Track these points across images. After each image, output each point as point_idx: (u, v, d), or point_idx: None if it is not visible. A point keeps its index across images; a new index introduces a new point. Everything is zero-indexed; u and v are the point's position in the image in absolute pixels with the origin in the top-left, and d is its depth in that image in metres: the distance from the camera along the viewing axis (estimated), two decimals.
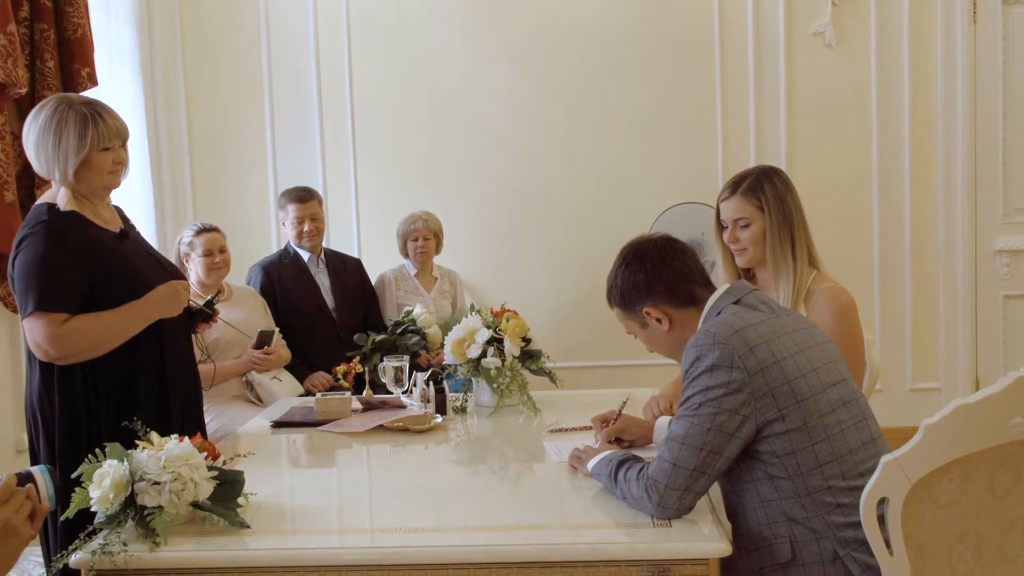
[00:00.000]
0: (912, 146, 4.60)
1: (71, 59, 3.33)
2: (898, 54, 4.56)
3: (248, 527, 1.79)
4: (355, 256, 4.45)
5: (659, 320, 1.93)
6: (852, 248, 4.58)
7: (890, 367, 4.63)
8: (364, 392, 3.08)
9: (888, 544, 1.57)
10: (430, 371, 2.79)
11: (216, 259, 3.47)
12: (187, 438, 1.83)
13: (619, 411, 2.37)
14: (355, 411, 2.82)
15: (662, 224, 3.82)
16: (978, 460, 1.58)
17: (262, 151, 4.73)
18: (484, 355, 2.81)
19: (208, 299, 2.66)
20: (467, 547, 1.69)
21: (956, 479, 1.57)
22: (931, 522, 1.58)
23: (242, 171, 4.75)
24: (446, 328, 3.09)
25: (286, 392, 3.47)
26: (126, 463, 1.75)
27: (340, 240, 4.71)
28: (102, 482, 1.73)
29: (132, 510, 1.74)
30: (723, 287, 1.92)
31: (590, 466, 2.00)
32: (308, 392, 3.62)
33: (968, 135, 4.55)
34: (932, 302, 4.68)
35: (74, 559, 1.69)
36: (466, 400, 2.84)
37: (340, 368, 3.48)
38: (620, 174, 4.69)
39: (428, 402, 2.72)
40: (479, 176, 4.74)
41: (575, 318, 4.71)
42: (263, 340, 3.46)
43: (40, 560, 2.40)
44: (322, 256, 4.10)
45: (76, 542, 1.71)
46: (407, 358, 2.90)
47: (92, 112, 2.26)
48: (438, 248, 4.36)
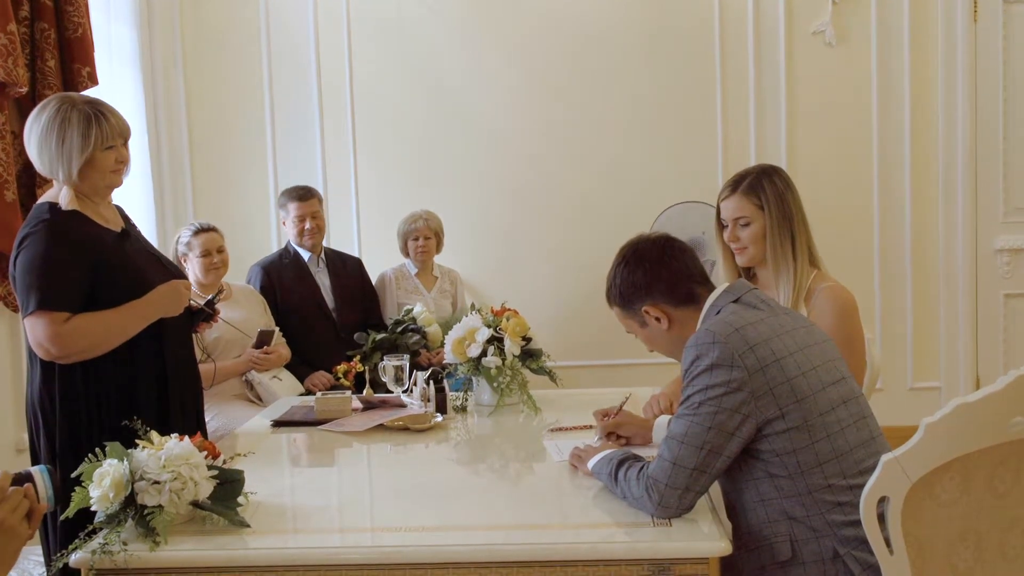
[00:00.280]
0: (912, 145, 4.59)
1: (71, 58, 3.33)
2: (898, 53, 4.56)
3: (248, 526, 1.79)
4: (355, 255, 4.45)
5: (658, 319, 1.94)
6: (852, 247, 4.58)
7: (890, 366, 4.63)
8: (364, 391, 3.07)
9: (888, 543, 1.57)
10: (430, 370, 2.79)
11: (214, 259, 3.46)
12: (187, 437, 1.84)
13: (619, 407, 2.38)
14: (355, 410, 2.82)
15: (662, 223, 3.82)
16: (978, 459, 1.58)
17: (262, 150, 4.73)
18: (484, 354, 2.81)
19: (209, 299, 2.66)
20: (467, 546, 1.69)
21: (956, 478, 1.57)
22: (931, 521, 1.58)
23: (242, 170, 4.75)
24: (446, 327, 3.09)
25: (286, 391, 3.47)
26: (126, 462, 1.75)
27: (340, 239, 4.71)
28: (102, 481, 1.73)
29: (132, 509, 1.74)
30: (722, 286, 1.92)
31: (590, 465, 2.00)
32: (308, 391, 3.62)
33: (968, 134, 4.55)
34: (932, 301, 4.68)
35: (74, 558, 1.69)
36: (466, 399, 2.84)
37: (340, 367, 3.48)
38: (620, 173, 4.69)
39: (428, 401, 2.72)
40: (479, 175, 4.74)
41: (575, 317, 4.71)
42: (263, 339, 3.46)
43: (40, 560, 2.40)
44: (322, 255, 4.10)
45: (76, 541, 1.71)
46: (407, 357, 2.90)
47: (95, 111, 2.27)
48: (439, 247, 4.36)
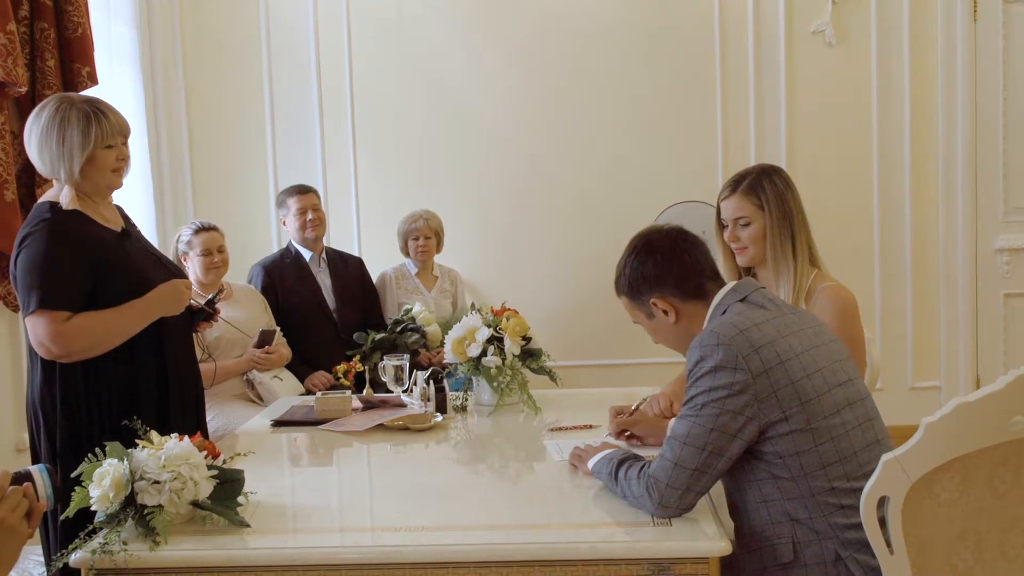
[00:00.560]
0: (912, 145, 4.59)
1: (71, 58, 3.32)
2: (898, 53, 4.56)
3: (248, 526, 1.79)
4: (356, 255, 4.45)
5: (665, 312, 1.92)
6: (852, 247, 4.58)
7: (890, 366, 4.63)
8: (364, 391, 3.07)
9: (888, 543, 1.57)
10: (430, 370, 2.79)
11: (214, 258, 3.45)
12: (187, 437, 1.84)
13: (636, 407, 2.37)
14: (355, 410, 2.82)
15: (662, 223, 3.81)
16: (978, 459, 1.58)
17: (262, 150, 4.73)
18: (484, 354, 2.81)
19: (209, 298, 2.66)
20: (467, 546, 1.69)
21: (956, 478, 1.57)
22: (931, 521, 1.58)
23: (242, 170, 4.74)
24: (447, 327, 3.08)
25: (287, 391, 3.47)
26: (126, 462, 1.75)
27: (340, 239, 4.71)
28: (102, 481, 1.73)
29: (132, 509, 1.74)
30: (730, 284, 1.91)
31: (590, 465, 2.00)
32: (308, 391, 3.62)
33: (968, 133, 4.55)
34: (932, 301, 4.68)
35: (74, 558, 1.69)
36: (466, 399, 2.84)
37: (340, 367, 3.48)
38: (620, 172, 4.69)
39: (428, 401, 2.72)
40: (479, 175, 4.74)
41: (575, 317, 4.71)
42: (264, 339, 3.46)
43: (40, 559, 2.40)
44: (323, 255, 4.10)
45: (76, 541, 1.71)
46: (407, 357, 2.90)
47: (94, 109, 2.28)
48: (439, 247, 4.35)
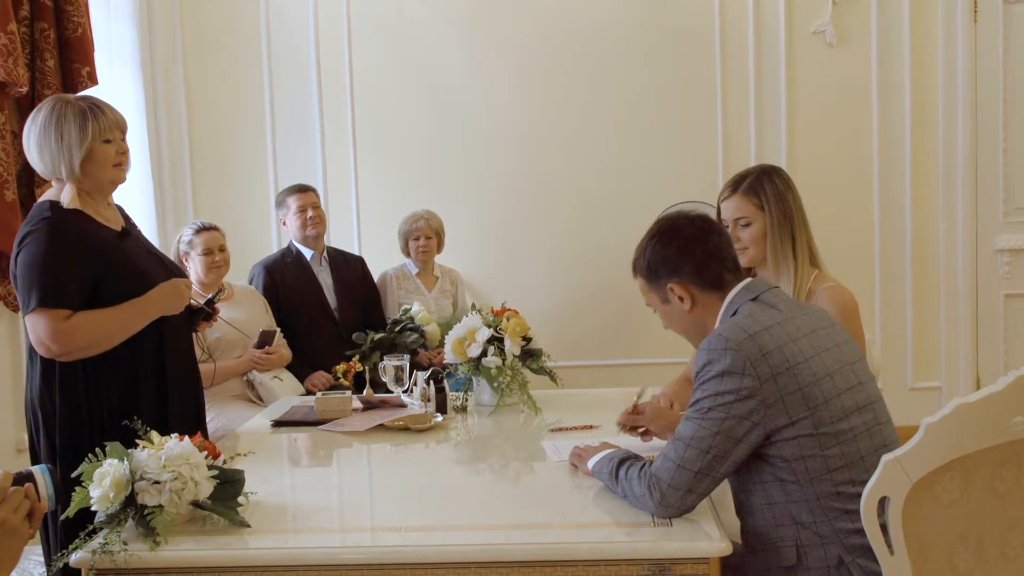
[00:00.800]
0: (912, 145, 4.59)
1: (71, 58, 3.33)
2: (899, 53, 4.56)
3: (248, 526, 1.79)
4: (358, 254, 4.45)
5: (681, 299, 1.89)
6: (853, 247, 4.58)
7: (891, 366, 4.63)
8: (364, 391, 3.07)
9: (889, 543, 1.57)
10: (430, 370, 2.79)
11: (216, 258, 3.46)
12: (187, 437, 1.84)
13: (635, 403, 2.35)
14: (355, 410, 2.82)
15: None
16: (979, 459, 1.58)
17: (262, 150, 4.73)
18: (485, 354, 2.81)
19: (209, 298, 2.66)
20: (467, 546, 1.69)
21: (957, 478, 1.57)
22: (932, 521, 1.58)
23: (242, 170, 4.74)
24: (447, 327, 3.08)
25: (287, 392, 3.47)
26: (126, 462, 1.75)
27: (341, 239, 4.70)
28: (102, 481, 1.73)
29: (132, 509, 1.74)
30: (743, 281, 1.89)
31: (590, 464, 1.99)
32: (308, 391, 3.61)
33: (969, 134, 4.55)
34: (933, 301, 4.68)
35: (74, 558, 1.69)
36: (466, 399, 2.84)
37: (340, 367, 3.48)
38: (621, 173, 4.69)
39: (428, 401, 2.72)
40: (480, 175, 4.74)
41: (575, 317, 4.71)
42: (264, 340, 3.46)
43: (41, 559, 2.40)
44: (325, 254, 4.10)
45: (76, 541, 1.71)
46: (407, 357, 2.90)
47: (89, 105, 2.30)
48: (439, 247, 4.35)
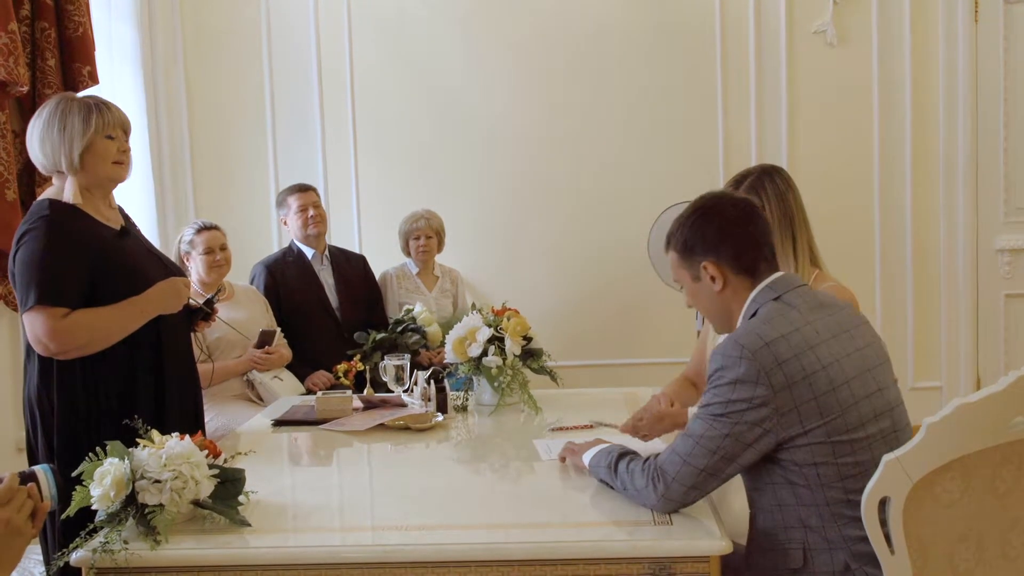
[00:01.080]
0: (913, 145, 4.59)
1: (72, 57, 3.33)
2: (899, 53, 4.56)
3: (249, 525, 1.79)
4: (359, 253, 4.44)
5: (713, 279, 1.84)
6: (853, 247, 4.58)
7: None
8: (365, 390, 3.07)
9: (890, 543, 1.57)
10: (431, 370, 2.79)
11: (217, 257, 3.46)
12: (188, 436, 1.84)
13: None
14: (356, 410, 2.82)
15: (664, 222, 3.81)
16: (979, 459, 1.58)
17: (263, 149, 4.73)
18: (485, 354, 2.81)
19: (208, 297, 2.66)
20: (468, 545, 1.69)
21: (957, 478, 1.57)
22: (932, 521, 1.58)
23: (243, 169, 4.74)
24: (447, 327, 3.08)
25: (287, 391, 3.47)
26: (127, 461, 1.75)
27: (342, 238, 4.70)
28: (103, 480, 1.73)
29: (133, 508, 1.74)
30: (771, 276, 1.83)
31: (587, 458, 1.98)
32: (309, 391, 3.61)
33: (969, 134, 4.55)
34: (933, 301, 4.68)
35: (75, 557, 1.69)
36: (467, 399, 2.84)
37: (341, 366, 3.48)
38: (621, 173, 4.69)
39: (429, 401, 2.72)
40: (480, 174, 4.73)
41: (576, 317, 4.71)
42: (264, 340, 3.46)
43: (40, 559, 2.40)
44: (326, 253, 4.10)
45: (77, 540, 1.71)
46: (408, 356, 2.90)
47: (95, 102, 2.32)
48: (440, 247, 4.35)
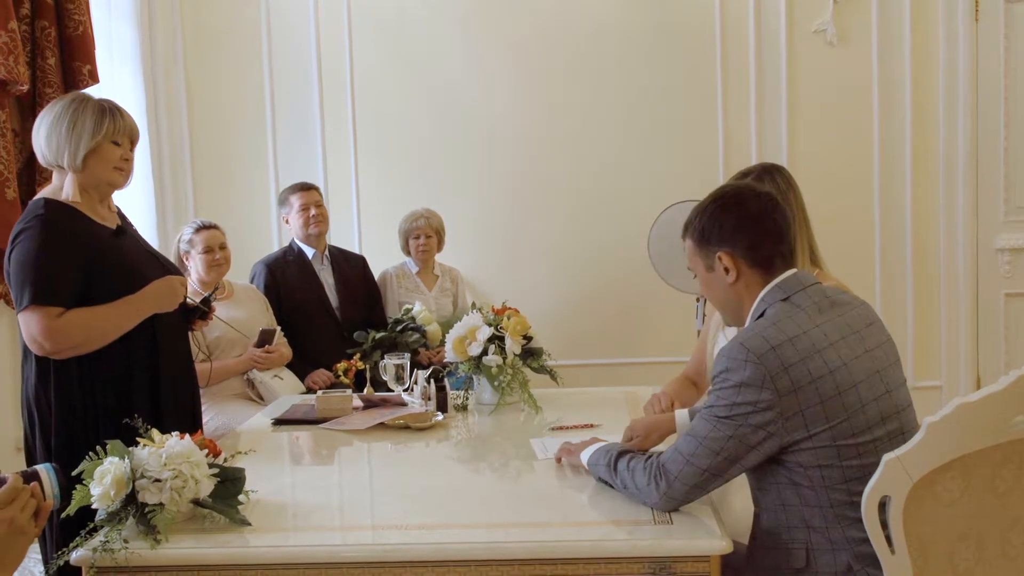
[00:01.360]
0: (913, 144, 4.59)
1: (72, 56, 3.33)
2: (900, 52, 4.56)
3: (249, 524, 1.79)
4: (359, 253, 4.44)
5: (727, 270, 1.82)
6: (853, 246, 4.58)
7: None
8: (365, 390, 3.07)
9: (890, 542, 1.57)
10: (431, 369, 2.79)
11: (216, 256, 3.46)
12: (188, 435, 1.84)
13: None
14: (356, 409, 2.82)
15: (664, 221, 3.81)
16: (980, 458, 1.57)
17: (263, 148, 4.73)
18: (485, 353, 2.81)
19: (205, 296, 2.65)
20: (468, 544, 1.69)
21: (958, 477, 1.57)
22: (932, 520, 1.58)
23: (243, 168, 4.74)
24: (447, 326, 3.08)
25: (288, 390, 3.46)
26: (127, 460, 1.75)
27: (341, 237, 4.70)
28: (103, 479, 1.73)
29: (133, 507, 1.74)
30: (785, 274, 1.80)
31: (585, 456, 1.97)
32: (309, 389, 3.61)
33: (969, 133, 4.55)
34: (933, 300, 4.67)
35: (75, 556, 1.69)
36: (467, 398, 2.84)
37: (341, 365, 3.48)
38: (621, 172, 4.69)
39: (429, 400, 2.72)
40: (480, 173, 4.73)
41: (576, 316, 4.71)
42: (264, 339, 3.46)
43: (39, 558, 2.39)
44: (326, 252, 4.10)
45: (77, 539, 1.71)
46: (408, 356, 2.90)
47: (110, 106, 2.33)
48: (440, 246, 4.35)
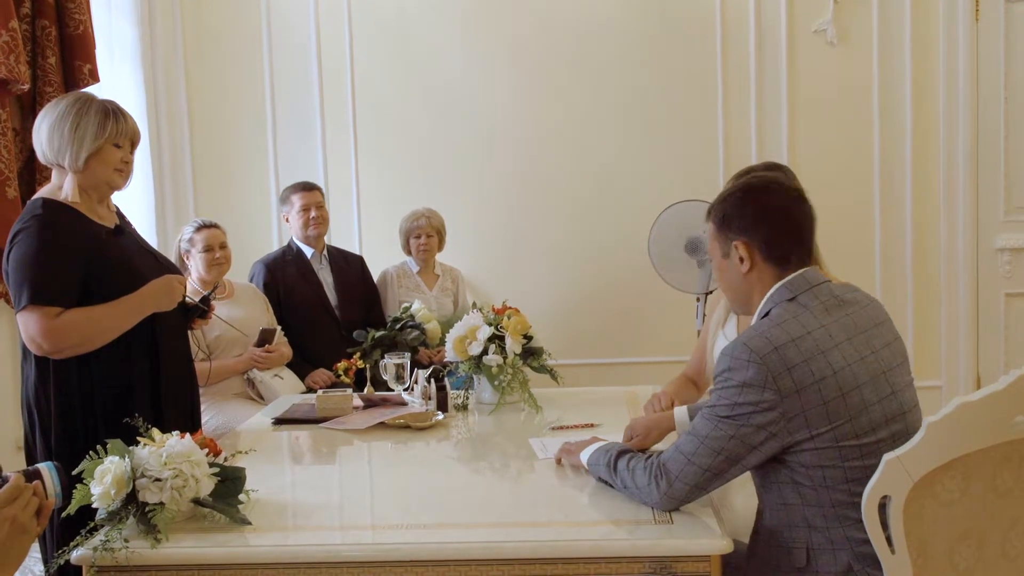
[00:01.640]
0: (913, 144, 4.59)
1: (72, 55, 3.33)
2: (900, 52, 4.55)
3: (249, 523, 1.79)
4: (357, 253, 4.45)
5: (742, 259, 1.80)
6: (853, 246, 4.58)
7: None
8: (365, 389, 3.07)
9: (890, 542, 1.57)
10: (432, 368, 2.79)
11: (216, 255, 3.46)
12: (188, 435, 1.84)
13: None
14: (356, 408, 2.82)
15: (664, 221, 3.81)
16: (980, 458, 1.57)
17: (263, 147, 4.73)
18: (485, 352, 2.81)
19: (204, 295, 2.64)
20: (468, 543, 1.69)
21: (958, 477, 1.57)
22: (933, 520, 1.58)
23: (243, 168, 4.74)
24: (448, 326, 3.08)
25: (288, 390, 3.47)
26: (127, 460, 1.76)
27: (341, 237, 4.71)
28: (104, 479, 1.73)
29: (133, 506, 1.74)
30: (795, 273, 1.78)
31: (585, 456, 1.96)
32: (309, 389, 3.61)
33: (969, 133, 4.54)
34: (933, 300, 4.67)
35: (76, 555, 1.69)
36: (467, 397, 2.84)
37: (341, 364, 3.48)
38: (621, 172, 4.69)
39: (429, 399, 2.72)
40: (480, 173, 4.73)
41: (576, 315, 4.71)
42: (264, 338, 3.46)
43: (40, 557, 2.39)
44: (325, 252, 4.10)
45: (78, 538, 1.72)
46: (408, 355, 2.90)
47: (112, 108, 2.33)
48: (440, 245, 4.35)
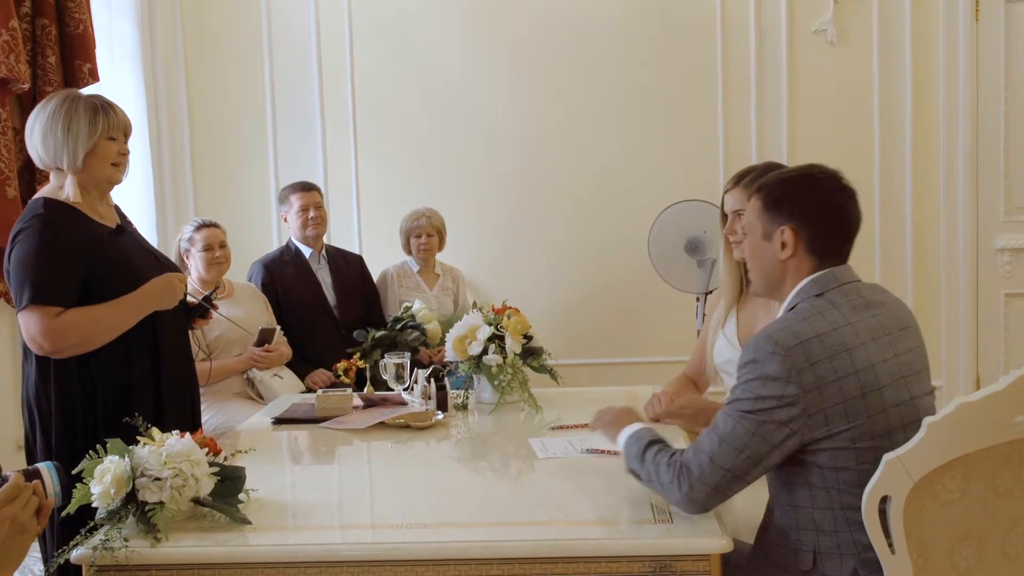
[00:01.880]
0: (913, 144, 4.59)
1: (72, 55, 3.33)
2: (900, 52, 4.55)
3: (249, 523, 1.79)
4: (357, 253, 4.45)
5: (784, 244, 1.78)
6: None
7: None
8: (365, 389, 3.07)
9: (890, 542, 1.57)
10: (431, 368, 2.79)
11: (216, 254, 3.46)
12: (188, 434, 1.84)
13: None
14: (356, 408, 2.82)
15: (664, 221, 3.82)
16: (980, 458, 1.57)
17: (263, 147, 4.73)
18: (485, 352, 2.81)
19: (205, 295, 2.65)
20: (468, 543, 1.69)
21: (958, 477, 1.57)
22: (933, 520, 1.58)
23: (243, 167, 4.74)
24: (448, 325, 3.08)
25: (288, 389, 3.47)
26: (127, 459, 1.76)
27: (341, 236, 4.71)
28: (103, 478, 1.73)
29: (133, 506, 1.74)
30: (825, 270, 1.79)
31: (620, 442, 1.88)
32: (309, 389, 3.61)
33: (970, 133, 4.54)
34: (933, 300, 4.67)
35: (75, 554, 1.69)
36: (467, 397, 2.84)
37: (341, 364, 3.48)
38: (622, 171, 4.68)
39: (429, 399, 2.72)
40: (481, 173, 4.73)
41: (576, 315, 4.71)
42: (264, 338, 3.46)
43: (39, 556, 2.39)
44: (324, 252, 4.10)
45: (78, 537, 1.72)
46: (408, 355, 2.90)
47: (100, 103, 2.32)
48: (441, 245, 4.35)
